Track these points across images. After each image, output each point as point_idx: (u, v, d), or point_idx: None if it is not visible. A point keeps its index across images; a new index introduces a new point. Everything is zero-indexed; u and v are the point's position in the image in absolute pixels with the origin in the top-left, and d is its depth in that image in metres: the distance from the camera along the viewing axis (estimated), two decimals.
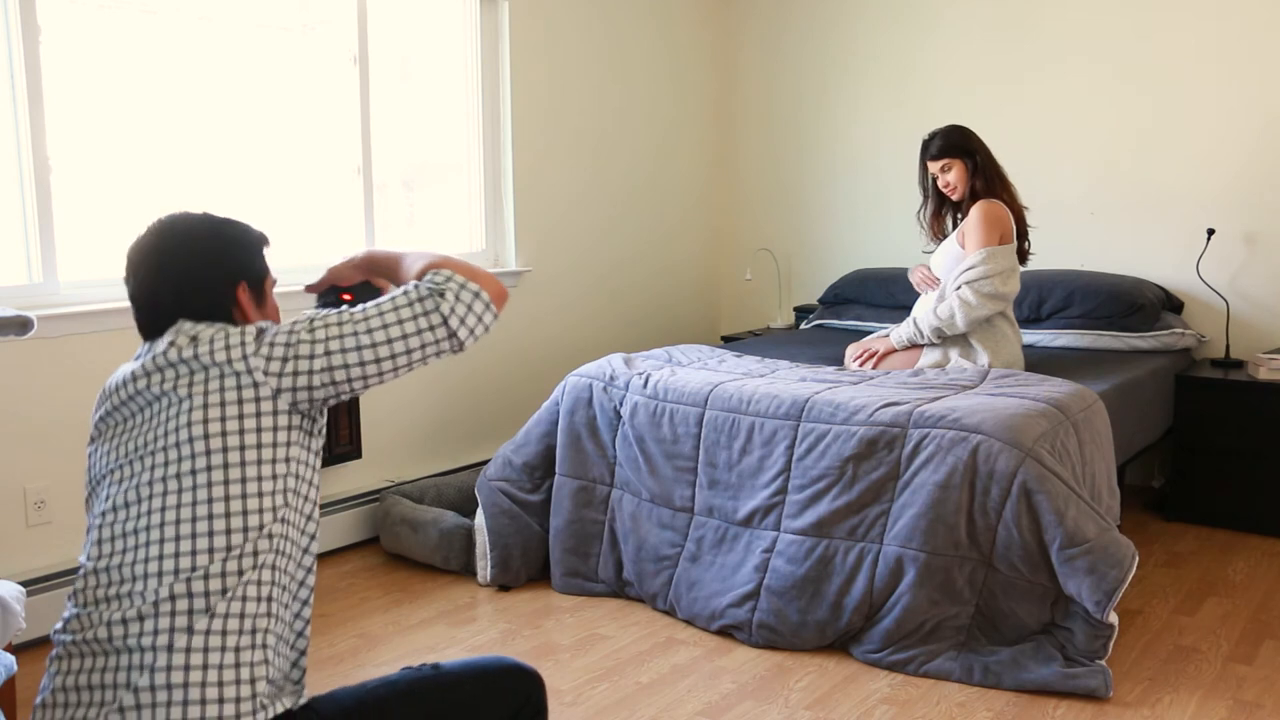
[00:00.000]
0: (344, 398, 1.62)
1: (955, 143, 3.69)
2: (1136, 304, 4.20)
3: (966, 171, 3.67)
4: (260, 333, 1.60)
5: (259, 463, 1.53)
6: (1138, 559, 2.83)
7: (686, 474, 3.32)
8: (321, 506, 3.82)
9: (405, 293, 1.59)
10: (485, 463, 4.20)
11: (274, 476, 1.54)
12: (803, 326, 5.02)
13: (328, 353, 1.56)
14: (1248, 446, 3.99)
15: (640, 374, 3.52)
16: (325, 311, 1.62)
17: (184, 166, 3.54)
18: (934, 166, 3.71)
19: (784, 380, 3.40)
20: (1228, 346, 4.31)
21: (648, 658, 3.05)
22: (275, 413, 1.55)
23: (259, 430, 1.54)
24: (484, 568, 3.55)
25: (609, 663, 3.02)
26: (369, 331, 1.57)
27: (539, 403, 4.43)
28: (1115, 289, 4.26)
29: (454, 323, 1.58)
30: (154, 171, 3.47)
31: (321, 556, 3.83)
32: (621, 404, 3.47)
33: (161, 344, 1.61)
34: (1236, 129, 4.31)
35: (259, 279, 1.73)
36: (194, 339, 1.59)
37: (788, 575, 3.06)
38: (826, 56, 5.28)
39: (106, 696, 1.47)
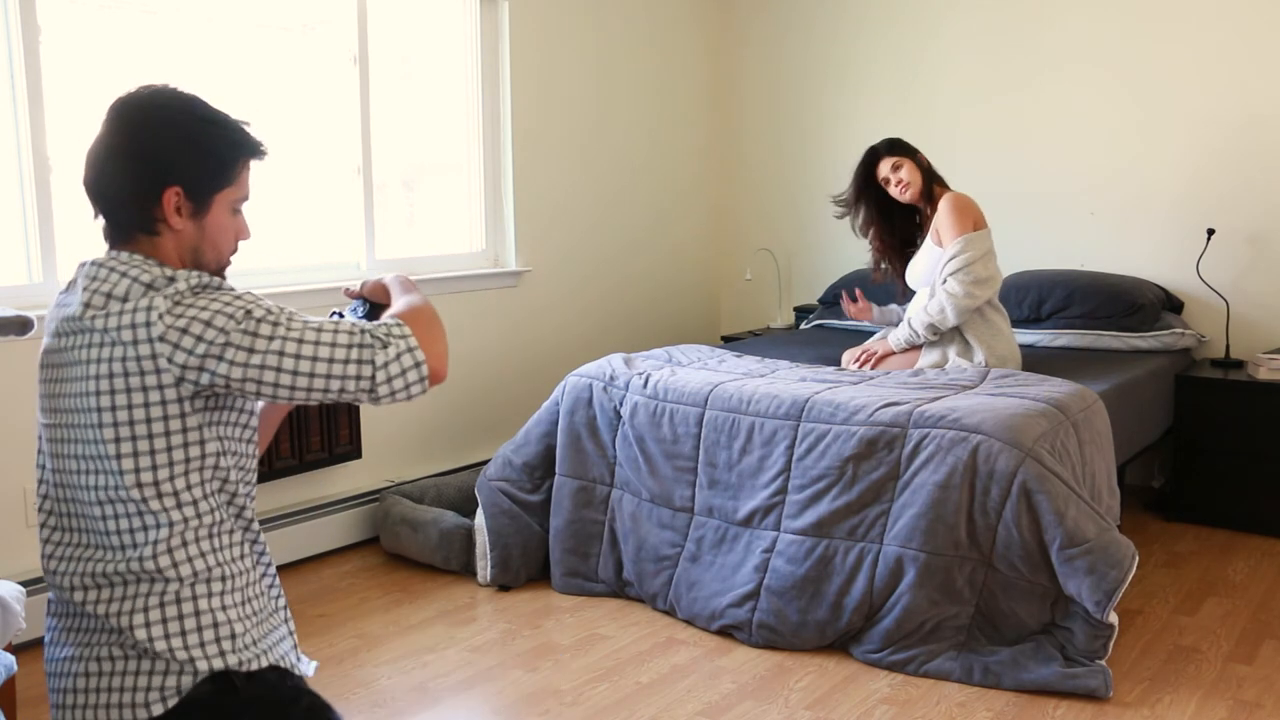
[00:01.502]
0: (249, 399, 1.55)
1: (903, 143, 3.76)
2: (1136, 304, 4.20)
3: (919, 169, 3.70)
4: (177, 305, 1.46)
5: (168, 449, 1.47)
6: (1138, 559, 2.84)
7: (686, 474, 3.32)
8: (321, 506, 3.82)
9: (351, 330, 1.50)
10: (485, 463, 4.20)
11: (186, 460, 1.49)
12: (803, 326, 5.02)
13: (246, 364, 1.45)
14: (1248, 446, 3.99)
15: (640, 374, 3.52)
16: (262, 306, 1.48)
17: None
18: (885, 166, 3.73)
19: (784, 380, 3.41)
20: (1228, 346, 4.31)
21: (648, 658, 3.05)
22: (179, 400, 1.47)
23: (165, 418, 1.46)
24: (484, 568, 3.55)
25: (609, 663, 3.02)
26: (297, 356, 1.46)
27: (539, 403, 4.43)
28: (1115, 289, 4.26)
29: (380, 377, 1.49)
30: None
31: (321, 556, 3.83)
32: (621, 404, 3.47)
33: (78, 295, 1.51)
34: (1236, 128, 4.31)
35: (206, 189, 1.54)
36: (108, 298, 1.47)
37: (788, 575, 3.06)
38: (827, 57, 5.28)
39: (87, 653, 1.51)
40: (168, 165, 1.51)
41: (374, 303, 1.74)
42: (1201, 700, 2.77)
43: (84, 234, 3.31)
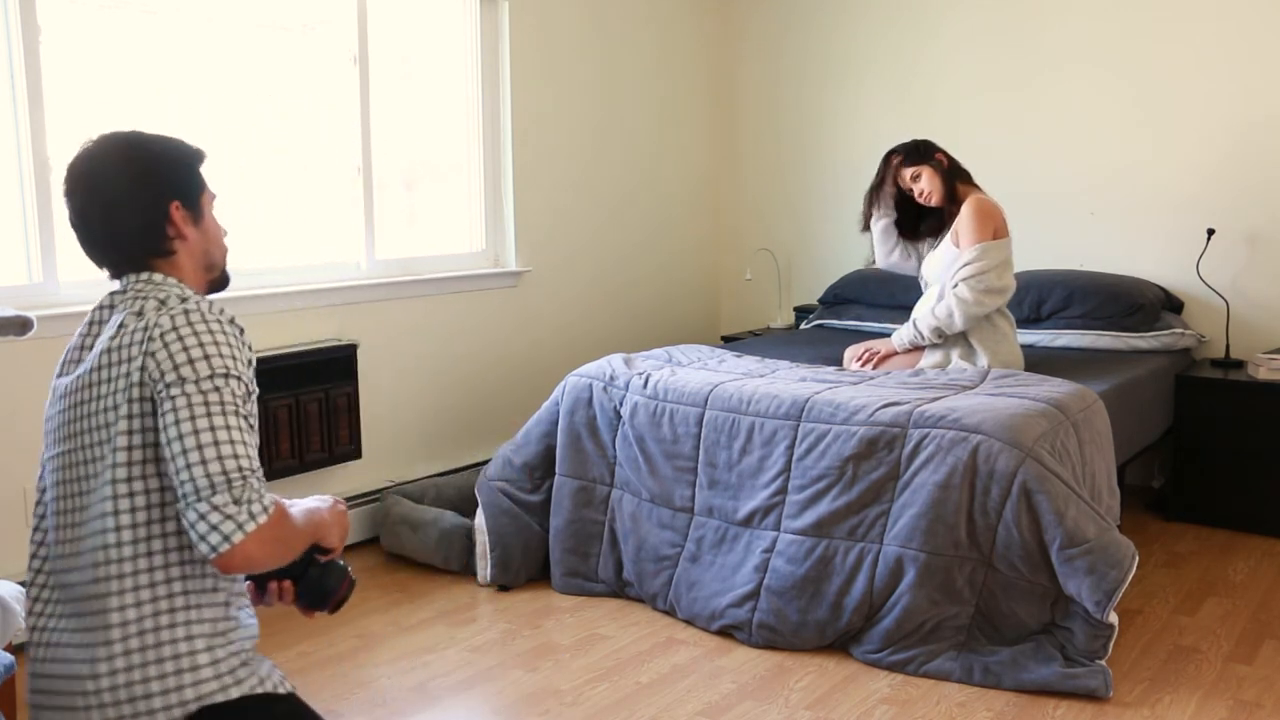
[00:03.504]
0: None
1: (919, 149, 3.71)
2: (1136, 304, 4.20)
3: (938, 175, 3.67)
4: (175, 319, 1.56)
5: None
6: (1138, 559, 2.84)
7: (686, 474, 3.31)
8: None
9: (231, 464, 1.49)
10: (485, 463, 4.20)
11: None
12: (803, 326, 5.02)
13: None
14: (1248, 446, 3.99)
15: (640, 374, 3.52)
16: (214, 375, 1.53)
17: None
18: (905, 176, 3.71)
19: (784, 380, 3.40)
20: (1228, 346, 4.31)
21: (648, 658, 3.05)
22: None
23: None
24: (484, 568, 3.55)
25: (609, 663, 3.02)
26: (186, 435, 1.50)
27: (539, 403, 4.43)
28: (1115, 289, 4.26)
29: (204, 508, 1.46)
30: None
31: None
32: (621, 404, 3.47)
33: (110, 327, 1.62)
34: (1237, 128, 4.31)
35: (194, 196, 1.69)
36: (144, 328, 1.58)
37: (788, 575, 3.06)
38: (827, 57, 5.28)
39: None
40: (162, 183, 1.66)
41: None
42: (1201, 700, 2.77)
43: None
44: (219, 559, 1.46)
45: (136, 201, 1.63)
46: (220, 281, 1.76)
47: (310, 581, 1.62)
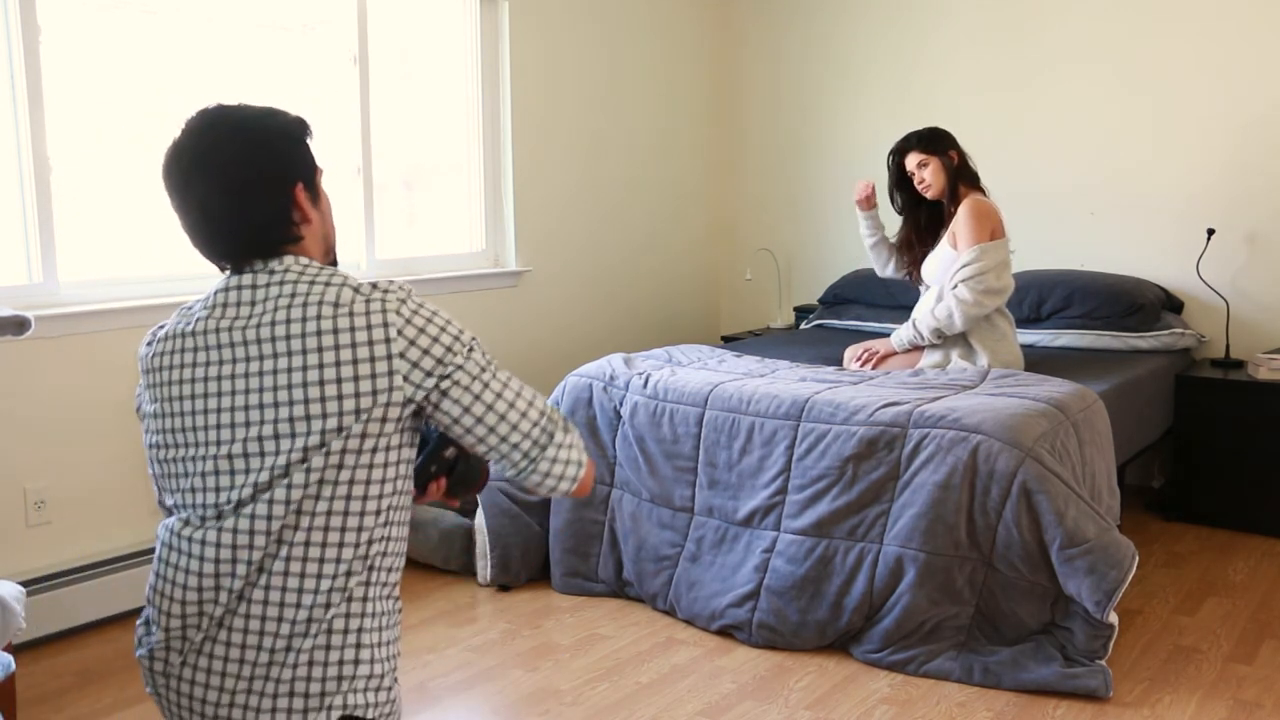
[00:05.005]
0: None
1: (935, 139, 3.68)
2: (1136, 304, 4.20)
3: (943, 171, 3.65)
4: (409, 326, 1.44)
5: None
6: (1138, 559, 2.84)
7: (686, 474, 3.31)
8: None
9: (537, 404, 1.51)
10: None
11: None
12: (803, 326, 5.02)
13: (476, 397, 1.47)
14: (1248, 446, 3.99)
15: (640, 374, 3.52)
16: (471, 347, 1.49)
17: None
18: (911, 160, 3.68)
19: (784, 380, 3.41)
20: (1228, 346, 4.31)
21: (648, 658, 3.05)
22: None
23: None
24: (484, 568, 3.55)
25: (609, 663, 3.02)
26: (494, 405, 1.48)
27: None
28: (1115, 289, 4.26)
29: (544, 464, 1.51)
30: (154, 171, 3.47)
31: None
32: (621, 404, 3.47)
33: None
34: (1236, 128, 4.31)
35: (312, 173, 1.57)
36: (335, 307, 1.44)
37: (788, 575, 3.06)
38: (827, 57, 5.28)
39: None
40: (284, 166, 1.52)
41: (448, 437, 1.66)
42: (1201, 700, 2.77)
43: (84, 234, 3.31)
44: (579, 485, 1.53)
45: (265, 188, 1.49)
46: (332, 262, 1.63)
47: (459, 475, 1.67)
